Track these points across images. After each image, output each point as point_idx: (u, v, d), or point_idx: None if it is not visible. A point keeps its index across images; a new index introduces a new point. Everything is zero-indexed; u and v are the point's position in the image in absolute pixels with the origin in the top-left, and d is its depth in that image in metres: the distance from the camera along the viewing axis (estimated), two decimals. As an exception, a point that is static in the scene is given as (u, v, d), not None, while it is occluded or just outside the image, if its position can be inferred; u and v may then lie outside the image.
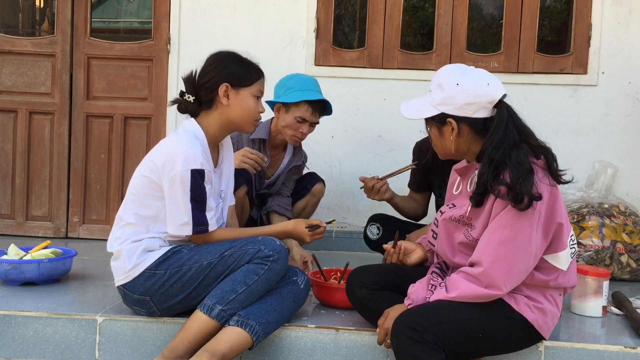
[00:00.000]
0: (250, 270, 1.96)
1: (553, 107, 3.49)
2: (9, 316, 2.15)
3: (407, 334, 1.67)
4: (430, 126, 1.88)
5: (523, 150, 1.72)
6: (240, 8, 3.63)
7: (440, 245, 1.93)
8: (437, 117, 1.82)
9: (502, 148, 1.72)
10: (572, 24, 3.53)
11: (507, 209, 1.70)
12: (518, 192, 1.65)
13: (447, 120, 1.80)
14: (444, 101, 1.79)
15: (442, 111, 1.79)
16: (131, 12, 5.22)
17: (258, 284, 1.96)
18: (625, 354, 1.97)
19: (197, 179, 1.99)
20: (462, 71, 1.81)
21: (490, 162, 1.72)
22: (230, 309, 1.94)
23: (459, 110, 1.78)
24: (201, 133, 2.08)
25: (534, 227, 1.70)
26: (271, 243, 2.00)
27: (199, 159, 2.00)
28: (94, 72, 3.71)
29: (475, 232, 1.80)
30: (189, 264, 2.01)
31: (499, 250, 1.70)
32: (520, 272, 1.74)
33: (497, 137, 1.73)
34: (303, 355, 2.07)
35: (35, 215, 3.76)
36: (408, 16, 3.93)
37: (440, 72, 1.84)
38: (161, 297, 2.04)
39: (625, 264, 2.91)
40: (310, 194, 3.09)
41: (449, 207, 1.94)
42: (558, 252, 1.79)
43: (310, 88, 2.81)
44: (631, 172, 3.47)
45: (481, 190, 1.75)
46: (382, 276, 2.02)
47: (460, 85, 1.77)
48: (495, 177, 1.70)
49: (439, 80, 1.82)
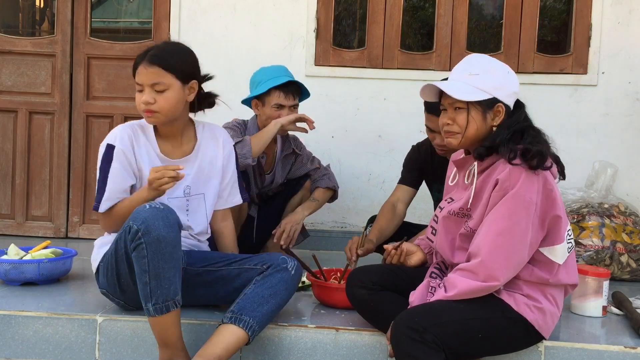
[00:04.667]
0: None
1: (553, 107, 3.49)
2: (9, 316, 2.15)
3: (407, 334, 1.67)
4: (471, 110, 1.82)
5: (540, 131, 1.84)
6: (240, 8, 3.63)
7: (439, 242, 1.93)
8: (485, 101, 1.82)
9: (523, 123, 1.82)
10: (572, 24, 3.53)
11: (504, 199, 1.72)
12: (532, 150, 1.73)
13: (497, 105, 1.82)
14: (499, 86, 1.82)
15: (496, 96, 1.81)
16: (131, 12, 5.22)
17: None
18: (625, 354, 1.97)
19: (107, 154, 2.04)
20: (500, 61, 1.88)
21: (509, 127, 1.80)
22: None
23: (508, 97, 1.83)
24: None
25: (530, 217, 1.72)
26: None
27: (117, 135, 2.05)
28: (94, 72, 3.71)
29: (472, 222, 1.82)
30: (107, 255, 2.03)
31: (497, 241, 1.72)
32: (517, 262, 1.75)
33: (520, 117, 1.83)
34: (303, 355, 2.07)
35: (35, 215, 3.76)
36: (408, 16, 3.93)
37: (483, 58, 1.88)
38: (113, 291, 2.07)
39: (625, 264, 2.91)
40: (303, 189, 3.10)
41: (448, 201, 1.95)
42: (555, 245, 1.80)
43: (278, 75, 2.85)
44: (631, 172, 3.47)
45: (488, 145, 1.79)
46: (382, 276, 2.02)
47: (509, 74, 1.85)
48: (511, 140, 1.77)
49: (488, 67, 1.84)
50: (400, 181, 2.83)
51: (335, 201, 3.23)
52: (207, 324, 2.10)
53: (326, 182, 3.07)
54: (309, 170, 3.12)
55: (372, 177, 3.64)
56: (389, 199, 2.79)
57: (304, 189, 3.08)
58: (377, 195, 3.62)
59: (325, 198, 3.08)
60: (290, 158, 3.10)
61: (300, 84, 2.90)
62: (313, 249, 3.47)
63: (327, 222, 3.66)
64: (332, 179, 3.10)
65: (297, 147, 3.09)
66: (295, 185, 3.09)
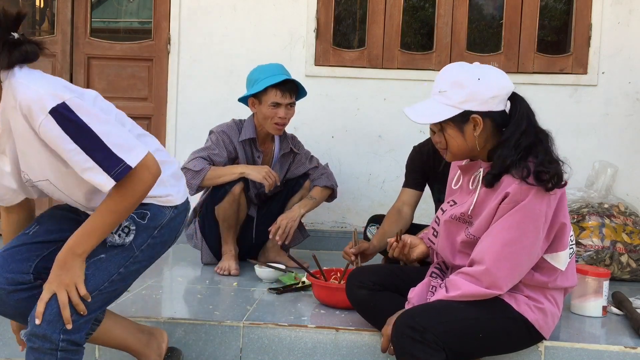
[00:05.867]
0: None
1: (553, 107, 3.49)
2: (9, 316, 2.14)
3: (408, 334, 1.66)
4: (445, 128, 1.80)
5: (549, 138, 1.76)
6: (240, 8, 3.63)
7: (441, 245, 1.93)
8: (458, 116, 1.76)
9: (530, 135, 1.73)
10: (572, 24, 3.54)
11: (514, 210, 1.69)
12: (544, 171, 1.66)
13: (472, 117, 1.75)
14: (468, 98, 1.73)
15: (466, 109, 1.74)
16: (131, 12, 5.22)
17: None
18: (625, 354, 1.97)
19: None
20: (475, 67, 1.79)
21: (517, 147, 1.71)
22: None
23: (483, 105, 1.74)
24: None
25: (539, 231, 1.70)
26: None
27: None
28: (94, 72, 3.71)
29: (473, 229, 1.80)
30: None
31: (503, 251, 1.70)
32: (521, 272, 1.75)
33: (523, 124, 1.73)
34: (303, 355, 2.07)
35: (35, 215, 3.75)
36: (408, 16, 3.93)
37: (452, 71, 1.79)
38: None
39: (625, 264, 2.91)
40: (302, 189, 3.08)
41: (450, 204, 1.93)
42: (558, 252, 1.79)
43: (274, 73, 2.86)
44: (631, 172, 3.47)
45: (497, 172, 1.73)
46: (381, 277, 2.02)
47: (482, 79, 1.73)
48: (522, 159, 1.70)
49: (456, 79, 1.75)
50: (404, 184, 2.81)
51: (335, 201, 3.23)
52: (207, 324, 2.10)
53: (324, 181, 3.06)
54: (307, 170, 3.12)
55: (372, 177, 3.64)
56: (394, 204, 2.75)
57: (304, 189, 3.07)
58: (377, 195, 3.62)
59: (323, 197, 3.07)
60: (289, 157, 3.09)
61: (298, 83, 2.90)
62: (313, 249, 3.47)
63: (327, 222, 3.66)
64: (331, 178, 3.10)
65: (295, 146, 3.09)
66: (294, 185, 3.09)
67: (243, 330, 2.09)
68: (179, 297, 2.53)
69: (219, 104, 3.60)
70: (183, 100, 3.66)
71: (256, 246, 3.08)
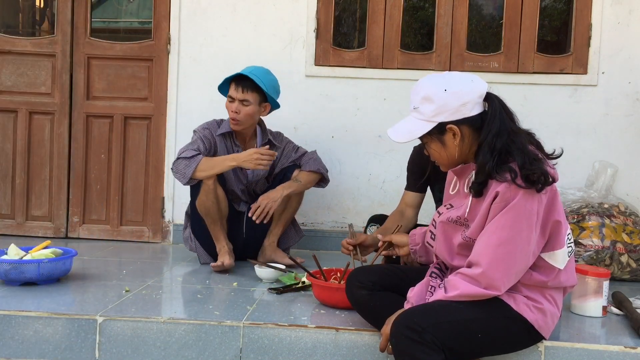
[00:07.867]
0: None
1: (553, 107, 3.48)
2: (9, 316, 2.15)
3: (406, 334, 1.67)
4: (428, 142, 1.85)
5: (523, 137, 1.76)
6: (240, 8, 3.63)
7: (439, 247, 1.93)
8: (434, 129, 1.79)
9: (503, 136, 1.73)
10: (572, 24, 3.53)
11: (506, 210, 1.70)
12: (530, 172, 1.67)
13: (447, 128, 1.78)
14: (438, 111, 1.77)
15: (439, 121, 1.78)
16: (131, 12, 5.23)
17: None
18: (625, 354, 1.97)
19: None
20: (441, 77, 1.81)
21: (492, 151, 1.72)
22: None
23: (455, 114, 1.76)
24: None
25: (533, 228, 1.71)
26: None
27: None
28: (94, 72, 3.71)
29: (469, 231, 1.81)
30: None
31: (498, 251, 1.70)
32: (518, 271, 1.75)
33: (495, 126, 1.74)
34: (303, 355, 2.07)
35: (35, 215, 3.76)
36: (408, 16, 3.93)
37: (421, 87, 1.82)
38: None
39: (625, 264, 2.91)
40: (291, 179, 3.07)
41: (447, 207, 1.94)
42: (555, 250, 1.79)
43: (243, 72, 2.96)
44: (631, 172, 3.47)
45: (482, 180, 1.74)
46: (381, 277, 2.02)
47: (448, 90, 1.76)
48: (500, 163, 1.71)
49: (424, 94, 1.79)
50: (406, 187, 2.82)
51: (336, 201, 3.23)
52: (207, 324, 2.10)
53: (310, 165, 3.06)
54: (294, 160, 3.13)
55: (372, 177, 3.64)
56: (397, 207, 2.76)
57: (292, 179, 3.07)
58: (377, 195, 3.62)
59: (309, 180, 3.05)
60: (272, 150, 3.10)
61: (258, 80, 2.92)
62: (313, 249, 3.47)
63: (327, 222, 3.67)
64: (319, 162, 3.10)
65: (275, 139, 3.12)
66: (282, 179, 3.08)
67: (243, 330, 2.09)
68: (179, 297, 2.53)
69: (219, 104, 3.59)
70: (183, 100, 3.66)
71: (248, 242, 3.09)
